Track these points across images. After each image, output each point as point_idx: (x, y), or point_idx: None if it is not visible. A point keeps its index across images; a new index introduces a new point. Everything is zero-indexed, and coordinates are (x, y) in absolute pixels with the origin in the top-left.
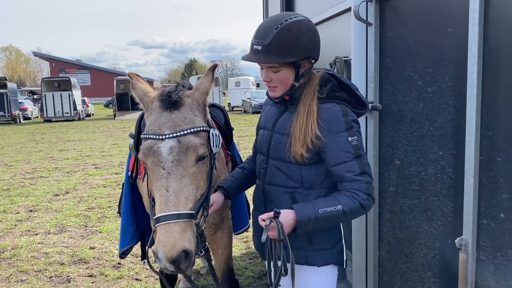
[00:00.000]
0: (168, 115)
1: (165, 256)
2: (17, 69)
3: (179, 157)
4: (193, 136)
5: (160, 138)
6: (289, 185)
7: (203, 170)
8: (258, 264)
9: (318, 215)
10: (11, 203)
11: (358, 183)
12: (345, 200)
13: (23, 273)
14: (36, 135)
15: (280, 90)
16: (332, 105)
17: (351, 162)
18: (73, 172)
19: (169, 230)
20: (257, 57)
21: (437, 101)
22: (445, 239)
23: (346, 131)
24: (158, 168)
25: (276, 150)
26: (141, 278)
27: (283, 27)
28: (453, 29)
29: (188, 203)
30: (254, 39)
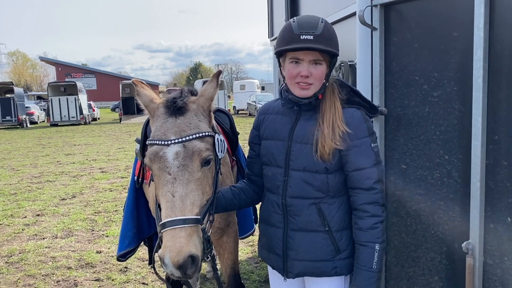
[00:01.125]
0: (174, 121)
1: (172, 261)
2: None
3: (185, 162)
4: (199, 141)
5: (165, 144)
6: (315, 196)
7: (208, 175)
8: (264, 268)
9: (377, 269)
10: (19, 207)
11: (374, 193)
12: (372, 234)
13: (31, 277)
14: (42, 139)
15: (314, 88)
16: (354, 110)
17: (371, 168)
18: (79, 176)
19: (175, 236)
20: (314, 44)
21: (442, 105)
22: (452, 244)
23: (369, 136)
24: (164, 173)
25: (300, 161)
26: (148, 282)
27: (327, 22)
28: (458, 34)
29: (194, 208)
30: (299, 30)
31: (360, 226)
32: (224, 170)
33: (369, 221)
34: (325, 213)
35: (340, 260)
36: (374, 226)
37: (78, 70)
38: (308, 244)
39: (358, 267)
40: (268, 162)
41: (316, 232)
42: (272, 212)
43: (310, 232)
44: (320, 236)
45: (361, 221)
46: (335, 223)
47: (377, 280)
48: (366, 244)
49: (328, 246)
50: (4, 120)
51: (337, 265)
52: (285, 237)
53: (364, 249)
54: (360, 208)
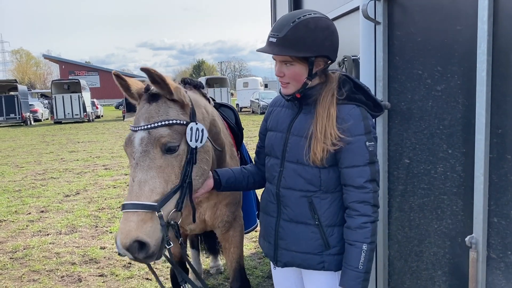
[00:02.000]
0: (147, 107)
1: (121, 243)
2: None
3: (147, 148)
4: (165, 128)
5: (134, 130)
6: (307, 189)
7: (174, 164)
8: (268, 264)
9: (363, 269)
10: (23, 204)
11: (365, 192)
12: (360, 234)
13: (35, 273)
14: (46, 136)
15: (292, 87)
16: (352, 107)
17: (364, 167)
18: (83, 173)
19: (127, 219)
20: (271, 48)
21: (446, 99)
22: (455, 238)
23: (364, 135)
24: (130, 158)
25: (293, 153)
26: (151, 277)
27: (300, 21)
28: (462, 27)
29: (154, 195)
30: (270, 32)
31: (349, 225)
32: (232, 164)
33: (358, 220)
34: (317, 207)
35: (329, 256)
36: (362, 226)
37: (81, 68)
38: (297, 235)
39: (345, 266)
40: (269, 152)
41: (305, 225)
42: (268, 202)
43: (299, 224)
44: (309, 229)
45: (350, 220)
46: (326, 218)
47: (364, 281)
48: (354, 243)
49: (316, 240)
50: (8, 118)
51: (325, 260)
52: (277, 227)
53: (351, 248)
54: (350, 206)
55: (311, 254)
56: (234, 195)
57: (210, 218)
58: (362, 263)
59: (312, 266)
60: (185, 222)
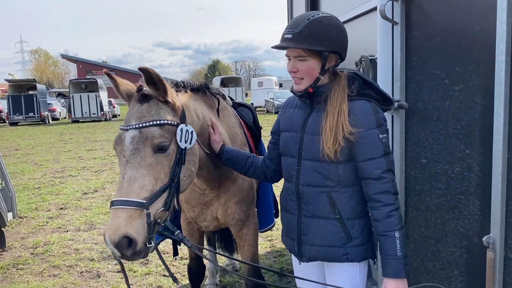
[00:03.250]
0: (138, 107)
1: (109, 239)
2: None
3: (138, 146)
4: (157, 128)
5: (125, 129)
6: (325, 185)
7: (164, 163)
8: (283, 262)
9: (402, 255)
10: (43, 201)
11: (384, 182)
12: (389, 223)
13: (55, 268)
14: (64, 135)
15: (305, 82)
16: (363, 102)
17: (380, 159)
18: (101, 171)
19: (116, 215)
20: (287, 43)
21: (464, 99)
22: (472, 238)
23: (377, 128)
24: (120, 156)
25: (310, 151)
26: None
27: (315, 19)
28: (480, 27)
29: (143, 192)
30: (285, 30)
31: (376, 217)
32: None
33: (383, 210)
34: (336, 201)
35: (352, 247)
36: (389, 215)
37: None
38: (320, 230)
39: (384, 257)
40: (285, 152)
41: (327, 219)
42: (288, 200)
43: (321, 219)
44: (331, 223)
45: (375, 212)
46: (346, 211)
47: (405, 265)
48: (386, 233)
49: (339, 233)
50: (27, 117)
51: (348, 252)
52: (299, 223)
53: (385, 239)
54: (373, 198)
55: (334, 247)
56: (244, 194)
57: (222, 216)
58: (399, 249)
59: (337, 258)
60: (199, 219)
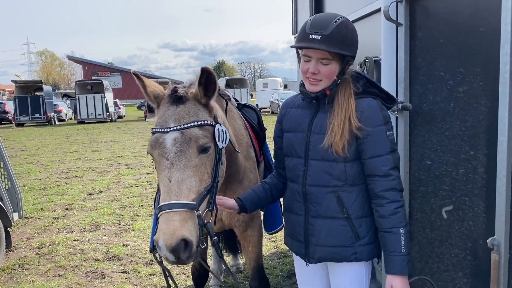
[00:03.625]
0: (174, 109)
1: (165, 244)
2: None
3: (182, 148)
4: (197, 128)
5: (165, 131)
6: (334, 184)
7: (207, 163)
8: (287, 263)
9: (406, 252)
10: (48, 201)
11: (391, 179)
12: (394, 220)
13: (61, 268)
14: (70, 136)
15: (322, 84)
16: (370, 100)
17: (387, 155)
18: (106, 172)
19: (170, 219)
20: (317, 44)
21: (468, 100)
22: (476, 239)
23: (384, 125)
24: (162, 159)
25: (317, 151)
26: (173, 275)
27: (342, 22)
28: (485, 29)
29: (191, 194)
30: (310, 29)
31: (382, 214)
32: (248, 165)
33: (389, 207)
34: (344, 201)
35: (360, 246)
36: (395, 212)
37: (104, 69)
38: (328, 230)
39: (387, 254)
40: (290, 153)
41: (335, 219)
42: (293, 201)
43: (329, 219)
44: (340, 223)
45: (381, 208)
46: (354, 210)
47: (408, 262)
48: (390, 230)
49: (347, 233)
50: (33, 118)
51: (356, 251)
52: (306, 224)
53: (390, 235)
54: (379, 195)
55: (343, 247)
56: None
57: (226, 218)
58: (404, 246)
59: (346, 258)
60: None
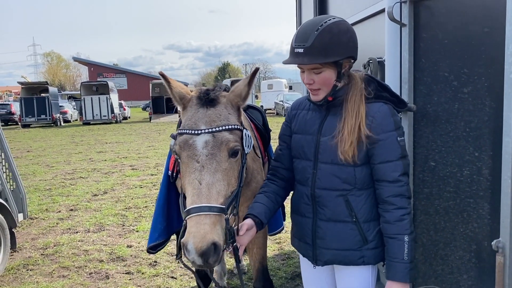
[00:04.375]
0: (205, 112)
1: (195, 247)
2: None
3: (214, 151)
4: (227, 132)
5: (195, 133)
6: (343, 188)
7: (235, 167)
8: (291, 265)
9: (408, 260)
10: (53, 202)
11: (400, 185)
12: (400, 226)
13: (65, 269)
14: (75, 137)
15: (323, 92)
16: (381, 105)
17: (397, 161)
18: (111, 173)
19: (200, 222)
20: (300, 59)
21: (473, 101)
22: (481, 242)
23: (395, 130)
24: (192, 161)
25: (327, 154)
26: (177, 276)
27: (324, 29)
28: (489, 29)
29: (220, 197)
30: (294, 42)
31: (387, 219)
32: (255, 166)
33: (396, 213)
34: (353, 204)
35: (368, 250)
36: (401, 218)
37: (109, 70)
38: (336, 233)
39: (390, 260)
40: (298, 155)
41: (344, 223)
42: (302, 203)
43: (338, 223)
44: (348, 226)
45: (387, 214)
46: (363, 214)
47: (410, 270)
48: (395, 236)
49: (355, 236)
50: (39, 119)
51: (364, 255)
52: (314, 227)
53: (394, 241)
54: (387, 200)
55: (351, 251)
56: None
57: (232, 220)
58: (407, 254)
59: (353, 261)
60: None
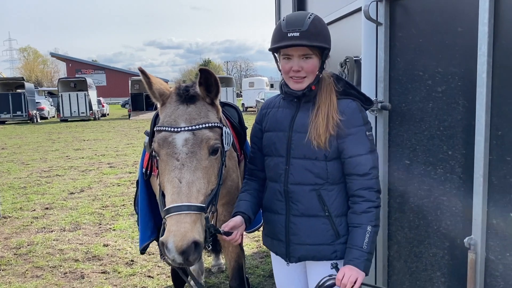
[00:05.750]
0: (184, 109)
1: (175, 246)
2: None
3: (194, 149)
4: (208, 130)
5: (175, 130)
6: (315, 182)
7: (215, 165)
8: (269, 263)
9: (367, 249)
10: (28, 200)
11: (369, 178)
12: (365, 217)
13: (39, 269)
14: (52, 134)
15: (307, 81)
16: (350, 101)
17: (366, 155)
18: (88, 171)
19: (180, 221)
20: (298, 41)
21: (446, 100)
22: (454, 239)
23: (364, 125)
24: (171, 159)
25: (300, 149)
26: (153, 275)
27: (315, 17)
28: (463, 29)
29: (200, 196)
30: (286, 28)
31: (355, 210)
32: (230, 164)
33: (363, 205)
34: (325, 199)
35: (340, 245)
36: (367, 210)
37: (88, 66)
38: (309, 228)
39: (350, 246)
40: (270, 152)
41: (316, 217)
42: (274, 200)
43: (311, 217)
44: (321, 221)
45: (355, 205)
46: (335, 208)
47: (367, 260)
48: (358, 225)
49: (328, 231)
50: (14, 115)
51: (337, 249)
52: (287, 223)
53: (356, 229)
54: (356, 193)
55: (325, 245)
56: (231, 195)
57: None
58: (366, 243)
59: (326, 256)
60: None
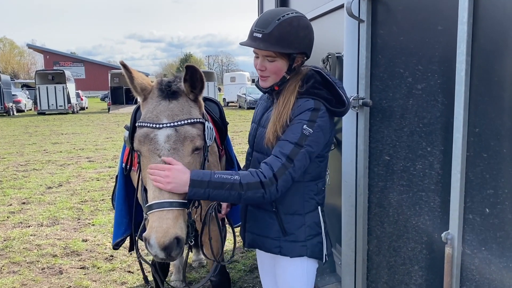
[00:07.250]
0: (167, 105)
1: (158, 242)
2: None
3: (176, 146)
4: (190, 126)
5: (157, 127)
6: None
7: (197, 161)
8: (250, 258)
9: (212, 179)
10: (4, 195)
11: (275, 159)
12: (245, 174)
13: (15, 265)
14: (29, 127)
15: (271, 80)
16: (306, 100)
17: (289, 143)
18: (66, 165)
19: (163, 217)
20: (257, 43)
21: (426, 98)
22: (432, 234)
23: (307, 121)
24: (153, 155)
25: (259, 143)
26: (133, 270)
27: (285, 19)
28: (443, 27)
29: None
30: (254, 27)
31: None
32: (211, 159)
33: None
34: None
35: (286, 242)
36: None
37: (66, 59)
38: (258, 219)
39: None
40: (248, 142)
41: (264, 211)
42: None
43: (260, 210)
44: (268, 215)
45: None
46: (283, 206)
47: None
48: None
49: (274, 226)
50: None
51: (282, 246)
52: (246, 211)
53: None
54: (259, 166)
55: (269, 239)
56: None
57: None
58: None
59: (270, 249)
60: None
